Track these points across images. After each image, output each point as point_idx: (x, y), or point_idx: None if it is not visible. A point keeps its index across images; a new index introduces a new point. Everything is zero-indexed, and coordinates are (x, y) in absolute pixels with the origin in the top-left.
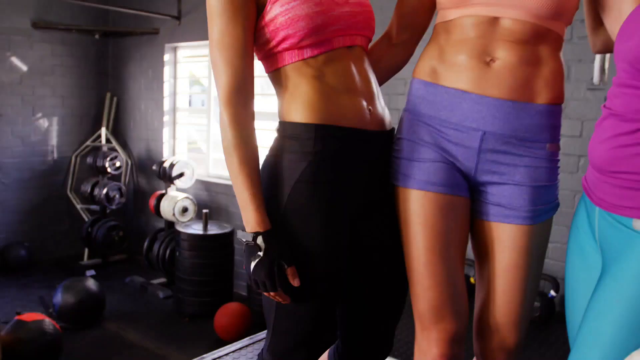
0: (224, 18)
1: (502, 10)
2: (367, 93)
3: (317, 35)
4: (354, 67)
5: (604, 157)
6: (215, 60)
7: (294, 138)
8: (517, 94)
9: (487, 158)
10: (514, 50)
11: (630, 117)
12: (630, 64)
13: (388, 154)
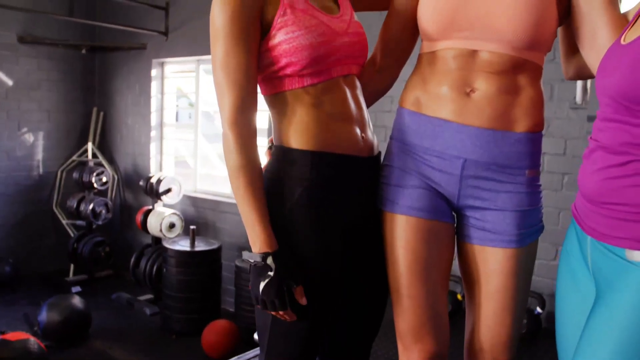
0: (229, 39)
1: (480, 43)
2: (360, 121)
3: (318, 65)
4: (349, 95)
5: (594, 189)
6: (219, 80)
7: (292, 163)
8: (496, 123)
9: (469, 184)
10: (493, 81)
11: (619, 149)
12: (613, 99)
13: (376, 177)
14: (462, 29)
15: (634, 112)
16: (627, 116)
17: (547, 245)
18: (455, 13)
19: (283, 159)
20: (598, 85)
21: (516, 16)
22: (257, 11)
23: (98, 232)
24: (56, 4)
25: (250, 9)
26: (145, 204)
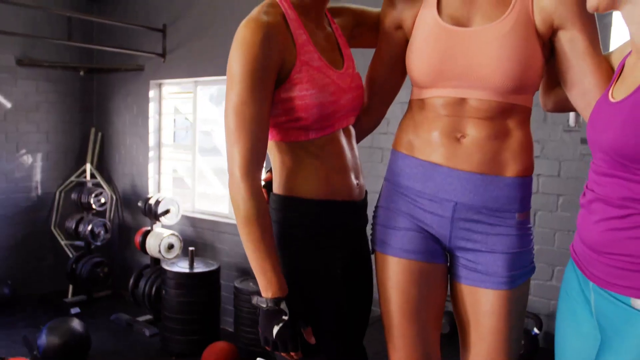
0: (246, 88)
1: (468, 91)
2: (355, 169)
3: (323, 121)
4: (347, 146)
5: (596, 239)
6: (231, 126)
7: (295, 211)
8: (486, 167)
9: (460, 226)
10: (482, 127)
11: (619, 203)
12: (608, 155)
13: (365, 216)
14: (450, 79)
15: (630, 169)
16: (624, 172)
17: (543, 265)
18: (442, 64)
19: (286, 207)
20: (591, 141)
21: (501, 65)
22: (276, 63)
23: (97, 253)
24: (54, 28)
25: (269, 61)
26: (144, 224)
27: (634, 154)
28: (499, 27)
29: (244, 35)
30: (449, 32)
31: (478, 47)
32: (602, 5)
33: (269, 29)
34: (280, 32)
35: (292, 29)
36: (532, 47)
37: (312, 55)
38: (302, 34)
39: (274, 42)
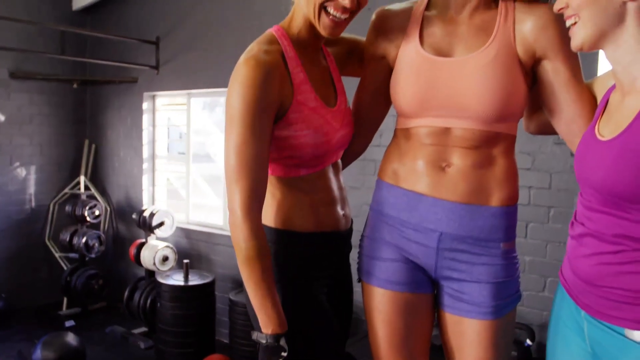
0: (247, 128)
1: (452, 121)
2: (341, 200)
3: (316, 159)
4: (334, 179)
5: (589, 272)
6: (232, 166)
7: (283, 243)
8: (470, 197)
9: (446, 256)
10: (467, 157)
11: (611, 240)
12: (600, 193)
13: (350, 243)
14: (434, 108)
15: (622, 207)
16: (616, 209)
17: (535, 277)
18: (426, 94)
19: (274, 239)
20: (580, 177)
21: (485, 95)
22: (275, 103)
23: (91, 265)
24: (48, 41)
25: (269, 101)
26: (138, 235)
27: (626, 193)
28: (481, 56)
29: (245, 75)
30: (432, 62)
31: (461, 77)
32: (586, 46)
33: (269, 69)
34: (279, 71)
35: (290, 67)
36: (514, 76)
37: (309, 95)
38: (299, 72)
39: (274, 82)
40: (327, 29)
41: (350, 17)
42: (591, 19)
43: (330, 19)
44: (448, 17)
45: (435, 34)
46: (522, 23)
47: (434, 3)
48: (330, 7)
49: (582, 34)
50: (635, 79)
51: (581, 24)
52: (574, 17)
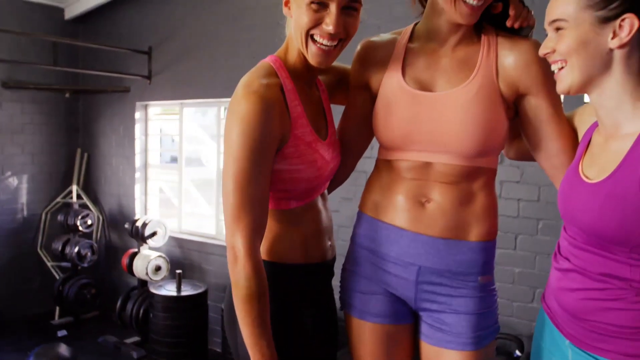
0: (249, 164)
1: (433, 156)
2: (328, 231)
3: (307, 192)
4: (323, 210)
5: (574, 305)
6: (234, 202)
7: (271, 275)
8: (449, 233)
9: (425, 289)
10: (447, 192)
11: (598, 278)
12: (586, 233)
13: (333, 271)
14: (416, 143)
15: (607, 248)
16: (602, 250)
17: (525, 288)
18: (408, 128)
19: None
20: (564, 215)
21: (466, 132)
22: (276, 138)
23: (83, 274)
24: (40, 52)
25: (270, 137)
26: (131, 245)
27: (612, 236)
28: (463, 92)
29: (247, 111)
30: (414, 96)
31: (443, 113)
32: (573, 90)
33: (271, 105)
34: (279, 106)
35: (289, 101)
36: (496, 112)
37: (305, 130)
38: (297, 105)
39: (275, 117)
40: (316, 58)
41: (339, 46)
42: (579, 65)
43: (317, 47)
44: (431, 50)
45: (418, 66)
46: (505, 59)
47: (417, 35)
48: (317, 35)
49: (570, 80)
50: (619, 124)
51: (569, 70)
52: (561, 63)
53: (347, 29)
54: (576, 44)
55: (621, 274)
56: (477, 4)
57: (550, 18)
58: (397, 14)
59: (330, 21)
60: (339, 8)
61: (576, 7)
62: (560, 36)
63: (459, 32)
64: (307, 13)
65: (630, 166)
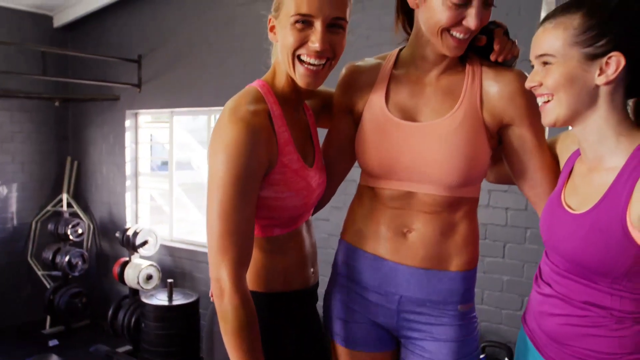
0: (236, 192)
1: (416, 185)
2: (312, 258)
3: (292, 220)
4: (307, 236)
5: (555, 330)
6: (219, 232)
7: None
8: (430, 263)
9: (406, 317)
10: (429, 222)
11: (579, 305)
12: (569, 262)
13: (317, 296)
14: (399, 172)
15: (590, 277)
16: (584, 279)
17: (513, 295)
18: (391, 158)
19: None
20: (547, 243)
21: (450, 163)
22: (263, 166)
23: (74, 283)
24: (29, 61)
25: (257, 165)
26: (122, 253)
27: (596, 267)
28: (448, 123)
29: (233, 138)
30: (398, 125)
31: (426, 143)
32: (559, 123)
33: (258, 132)
34: (267, 133)
35: (276, 127)
36: (479, 142)
37: (292, 157)
38: (284, 132)
39: (262, 145)
40: (304, 79)
41: (327, 66)
42: (566, 100)
43: (305, 67)
44: (415, 77)
45: (402, 93)
46: (490, 89)
47: (402, 62)
48: (304, 54)
49: (556, 113)
50: (602, 156)
51: (556, 104)
52: (547, 96)
53: (334, 48)
54: (564, 79)
55: (602, 303)
56: (464, 38)
57: (537, 52)
58: (385, 24)
59: (316, 38)
60: (324, 25)
61: (564, 43)
62: (548, 70)
63: (444, 61)
64: (292, 33)
65: (612, 200)
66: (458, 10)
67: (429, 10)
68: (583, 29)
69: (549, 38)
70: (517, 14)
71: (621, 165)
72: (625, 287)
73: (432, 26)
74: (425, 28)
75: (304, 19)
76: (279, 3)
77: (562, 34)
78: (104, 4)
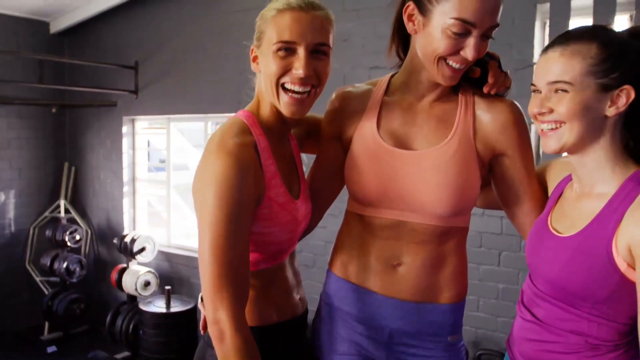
0: (227, 230)
1: (407, 214)
2: (297, 286)
3: (278, 254)
4: (290, 268)
5: (532, 355)
6: (214, 271)
7: None
8: (420, 296)
9: (396, 349)
10: (418, 254)
11: (557, 331)
12: (552, 286)
13: (306, 323)
14: (390, 201)
15: (572, 302)
16: (564, 303)
17: (509, 303)
18: (382, 186)
19: None
20: (531, 266)
21: (443, 192)
22: (252, 200)
23: (73, 289)
24: (26, 68)
25: (247, 200)
26: (119, 258)
27: (577, 290)
28: (441, 152)
29: (221, 172)
30: (390, 153)
31: (420, 172)
32: (564, 150)
33: (246, 166)
34: (254, 166)
35: (263, 159)
36: (472, 172)
37: (279, 190)
38: (271, 164)
39: (250, 179)
40: (289, 108)
41: (312, 94)
42: (578, 128)
43: (290, 96)
44: (407, 104)
45: (394, 121)
46: (482, 119)
47: (394, 89)
48: (288, 82)
49: (564, 140)
50: (595, 184)
51: (567, 131)
52: (555, 123)
53: (318, 74)
54: (580, 108)
55: (579, 329)
56: (459, 67)
57: (550, 78)
58: (381, 33)
59: (299, 65)
60: (308, 51)
61: (581, 72)
62: (562, 98)
63: (437, 89)
64: (275, 61)
65: (600, 225)
66: (457, 40)
67: (428, 37)
68: (599, 59)
69: (565, 65)
70: (511, 23)
71: (612, 193)
72: (604, 314)
73: (429, 53)
74: (421, 54)
75: (287, 46)
76: (260, 32)
77: (580, 63)
78: (100, 11)
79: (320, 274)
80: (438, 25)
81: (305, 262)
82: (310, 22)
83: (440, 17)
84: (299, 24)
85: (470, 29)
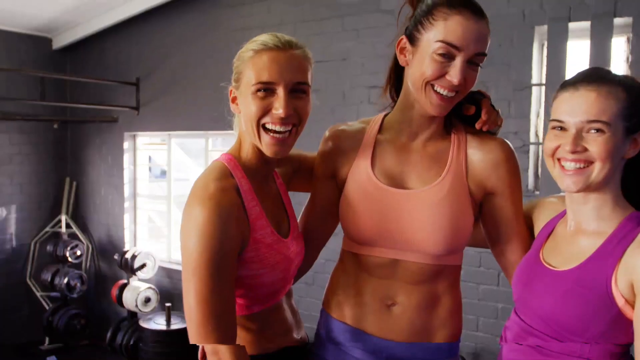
0: (212, 276)
1: (402, 253)
2: (295, 324)
3: (272, 295)
4: (288, 308)
5: None
6: (194, 315)
7: None
8: (415, 337)
9: None
10: (412, 294)
11: (551, 354)
12: (544, 319)
13: None
14: (385, 239)
15: (562, 335)
16: (555, 337)
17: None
18: (376, 225)
19: None
20: (520, 299)
21: (436, 231)
22: (237, 245)
23: (73, 304)
24: (28, 85)
25: (231, 246)
26: (120, 275)
27: (571, 324)
28: (435, 191)
29: (202, 218)
30: (384, 192)
31: (414, 211)
32: (587, 190)
33: (229, 211)
34: (237, 210)
35: (246, 202)
36: (465, 210)
37: (265, 231)
38: (255, 206)
39: (233, 223)
40: (271, 148)
41: (294, 133)
42: (609, 169)
43: (271, 136)
44: (401, 143)
45: (388, 159)
46: (474, 157)
47: (387, 127)
48: (268, 123)
49: (592, 179)
50: (593, 221)
51: (597, 171)
52: (584, 163)
53: (299, 113)
54: (614, 149)
55: (573, 352)
56: (447, 94)
57: (587, 117)
58: (380, 52)
59: (279, 105)
60: (287, 91)
61: (616, 113)
62: (598, 138)
63: (430, 126)
64: (254, 102)
65: (600, 260)
66: (443, 63)
67: (417, 64)
68: (628, 103)
69: (603, 105)
70: (510, 45)
71: (610, 232)
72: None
73: (417, 79)
74: (411, 83)
75: (266, 86)
76: (238, 73)
77: (615, 105)
78: (102, 27)
79: (320, 292)
80: (426, 51)
81: (305, 280)
82: (288, 62)
83: (427, 44)
84: (277, 64)
85: (455, 52)
